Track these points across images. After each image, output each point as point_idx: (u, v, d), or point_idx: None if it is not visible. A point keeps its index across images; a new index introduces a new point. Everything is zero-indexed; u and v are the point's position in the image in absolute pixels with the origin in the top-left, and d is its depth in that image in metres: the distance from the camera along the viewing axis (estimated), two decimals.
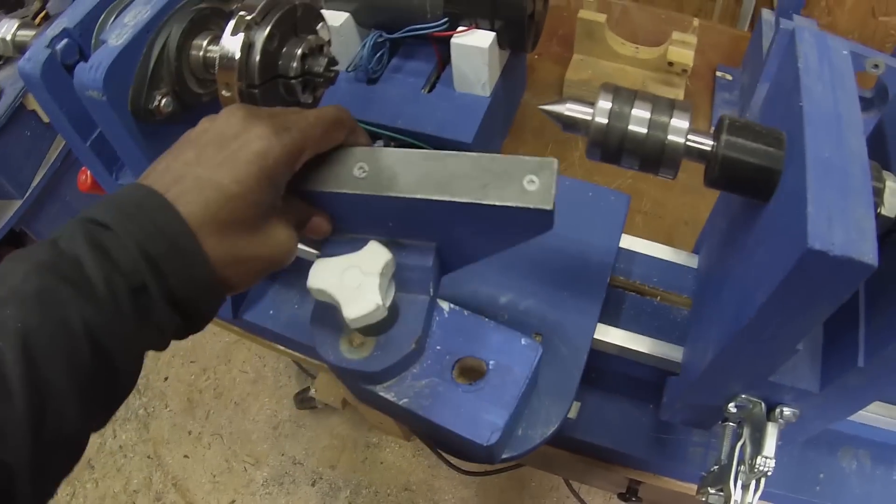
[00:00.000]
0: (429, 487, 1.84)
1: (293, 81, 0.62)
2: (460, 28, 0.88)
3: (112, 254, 0.40)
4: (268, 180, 0.45)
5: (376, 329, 0.55)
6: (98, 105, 0.60)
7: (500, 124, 1.05)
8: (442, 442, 0.63)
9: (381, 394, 0.56)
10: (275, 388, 2.02)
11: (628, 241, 0.75)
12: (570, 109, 0.49)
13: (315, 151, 0.49)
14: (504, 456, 0.59)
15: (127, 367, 0.41)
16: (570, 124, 0.49)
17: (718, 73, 1.18)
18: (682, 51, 1.06)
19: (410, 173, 0.49)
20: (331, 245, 0.56)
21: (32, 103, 1.45)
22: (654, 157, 0.48)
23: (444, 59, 0.95)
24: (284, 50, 0.62)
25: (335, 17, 0.94)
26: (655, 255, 0.74)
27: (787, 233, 0.42)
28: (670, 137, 0.47)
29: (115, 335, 0.39)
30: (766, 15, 1.10)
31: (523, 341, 0.57)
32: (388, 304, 0.52)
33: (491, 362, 0.56)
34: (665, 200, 1.03)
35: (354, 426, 1.93)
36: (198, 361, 2.06)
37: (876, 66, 0.89)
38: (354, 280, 0.51)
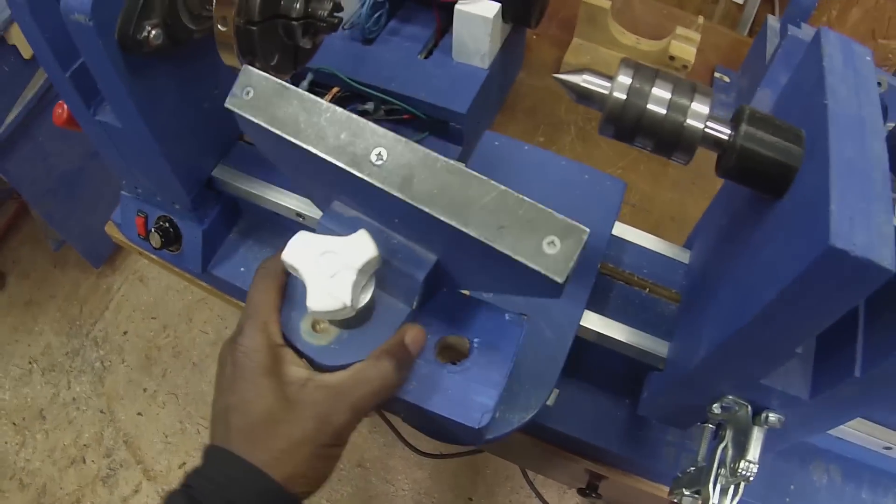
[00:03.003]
0: (383, 466, 1.82)
1: (294, 23, 0.59)
2: None
3: None
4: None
5: (344, 322, 0.51)
6: (83, 31, 0.56)
7: (495, 100, 1.03)
8: (428, 426, 0.60)
9: None
10: None
11: (620, 229, 0.73)
12: (587, 81, 0.46)
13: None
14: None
15: None
16: (584, 96, 0.47)
17: (716, 74, 1.16)
18: (685, 46, 1.05)
19: (427, 180, 0.45)
20: (329, 217, 0.53)
21: (14, 38, 1.40)
22: (671, 139, 0.46)
23: (444, 26, 0.93)
24: None
25: None
26: (646, 246, 0.73)
27: (805, 230, 0.40)
28: (689, 121, 0.45)
29: None
30: (772, 21, 1.09)
31: (507, 317, 0.55)
32: (360, 305, 0.49)
33: (475, 340, 0.54)
34: (654, 195, 1.01)
35: None
36: (158, 318, 2.01)
37: (878, 83, 0.88)
38: (331, 267, 0.48)
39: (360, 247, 0.49)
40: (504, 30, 0.91)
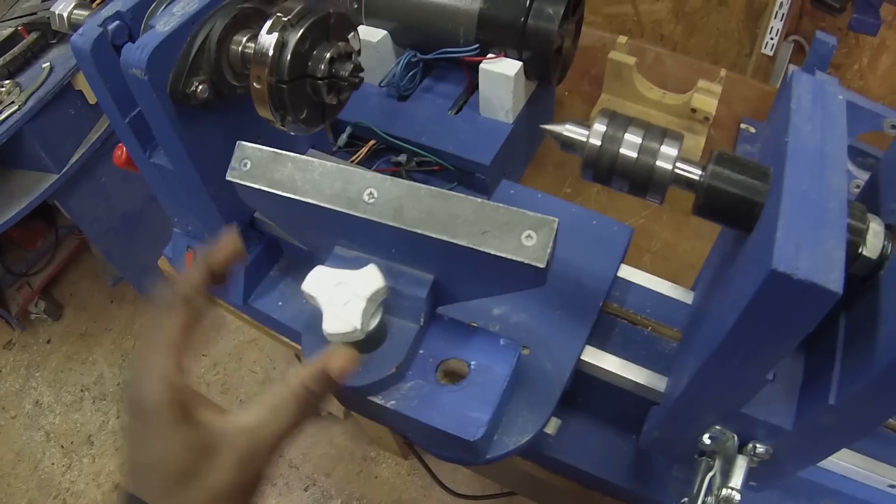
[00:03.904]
0: None
1: (320, 82, 0.66)
2: (489, 55, 0.92)
3: None
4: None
5: (359, 347, 0.56)
6: (140, 84, 0.64)
7: (522, 153, 1.08)
8: (431, 443, 0.65)
9: (369, 398, 0.58)
10: None
11: (627, 272, 0.77)
12: (569, 130, 0.52)
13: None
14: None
15: None
16: (567, 144, 0.52)
17: (742, 125, 1.19)
18: (706, 98, 1.09)
19: (415, 207, 0.51)
20: (335, 258, 0.59)
21: (80, 84, 1.51)
22: (643, 180, 0.51)
23: (474, 84, 0.99)
24: (315, 52, 0.66)
25: (373, 34, 0.99)
26: (652, 288, 0.76)
27: (759, 259, 0.43)
28: (659, 163, 0.50)
29: None
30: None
31: (502, 342, 0.60)
32: (369, 328, 0.54)
33: (472, 363, 0.59)
34: (675, 243, 1.05)
35: (354, 438, 1.94)
36: (210, 356, 2.10)
37: (894, 126, 0.90)
38: (343, 297, 0.53)
39: (370, 279, 0.54)
40: (528, 86, 0.97)
